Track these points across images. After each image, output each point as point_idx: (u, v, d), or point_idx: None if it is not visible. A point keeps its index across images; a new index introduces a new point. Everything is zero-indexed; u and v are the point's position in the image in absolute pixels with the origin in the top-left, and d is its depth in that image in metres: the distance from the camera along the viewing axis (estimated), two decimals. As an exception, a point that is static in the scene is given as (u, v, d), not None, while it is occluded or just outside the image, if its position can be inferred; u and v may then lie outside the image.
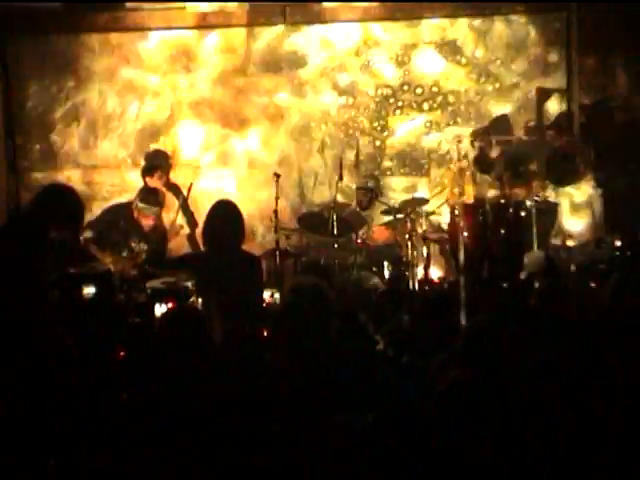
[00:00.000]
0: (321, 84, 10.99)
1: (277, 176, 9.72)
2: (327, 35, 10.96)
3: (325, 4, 10.48)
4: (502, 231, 9.13)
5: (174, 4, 10.54)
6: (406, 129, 11.04)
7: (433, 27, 10.94)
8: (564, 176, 9.71)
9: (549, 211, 9.67)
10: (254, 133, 11.00)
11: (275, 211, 9.51)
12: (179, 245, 9.95)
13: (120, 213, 9.45)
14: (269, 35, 10.89)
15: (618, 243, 8.91)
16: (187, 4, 10.38)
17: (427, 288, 9.28)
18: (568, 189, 9.81)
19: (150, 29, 10.86)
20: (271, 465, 3.94)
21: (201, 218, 8.18)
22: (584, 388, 4.23)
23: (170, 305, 7.73)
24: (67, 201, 6.37)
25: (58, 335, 4.57)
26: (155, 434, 4.16)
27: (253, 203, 10.52)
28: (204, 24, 10.81)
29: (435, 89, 10.99)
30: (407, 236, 9.82)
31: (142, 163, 10.29)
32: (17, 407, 4.24)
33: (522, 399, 4.10)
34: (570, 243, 9.50)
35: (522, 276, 8.35)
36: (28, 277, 6.01)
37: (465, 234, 9.16)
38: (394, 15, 10.83)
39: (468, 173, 10.10)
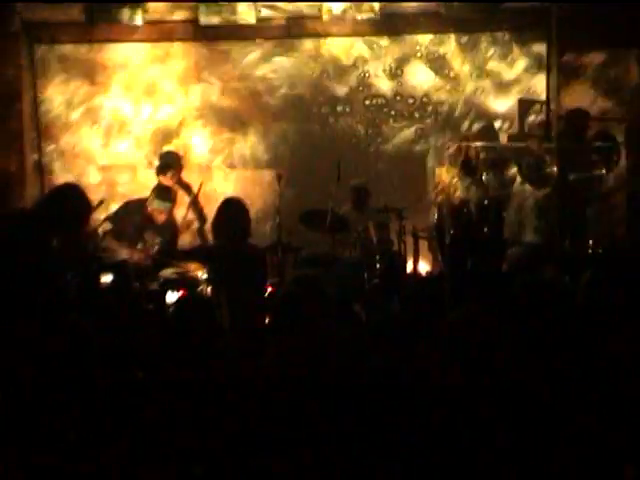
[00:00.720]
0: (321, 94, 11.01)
1: (279, 176, 9.77)
2: (328, 48, 10.99)
3: (326, 19, 10.45)
4: (485, 229, 9.15)
5: (185, 17, 10.50)
6: (399, 136, 11.07)
7: (424, 43, 10.96)
8: (539, 179, 9.72)
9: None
10: (258, 137, 11.02)
11: (278, 209, 9.53)
12: (189, 238, 9.96)
13: (135, 209, 9.46)
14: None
15: (591, 242, 8.93)
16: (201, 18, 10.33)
17: (416, 281, 9.29)
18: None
19: (162, 41, 10.86)
20: (274, 442, 3.95)
21: (210, 214, 8.23)
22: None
23: (181, 293, 7.74)
24: (71, 203, 6.31)
25: (75, 320, 4.56)
26: (169, 412, 4.18)
27: (258, 201, 10.54)
28: (213, 37, 10.81)
29: (425, 99, 11.01)
30: (398, 233, 9.86)
31: (156, 163, 10.28)
32: (38, 389, 4.23)
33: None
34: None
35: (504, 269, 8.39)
36: (42, 266, 5.99)
37: (451, 232, 9.18)
38: (387, 31, 10.83)
39: (455, 176, 10.13)
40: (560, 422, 4.00)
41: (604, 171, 9.48)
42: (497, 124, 10.90)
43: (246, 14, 10.19)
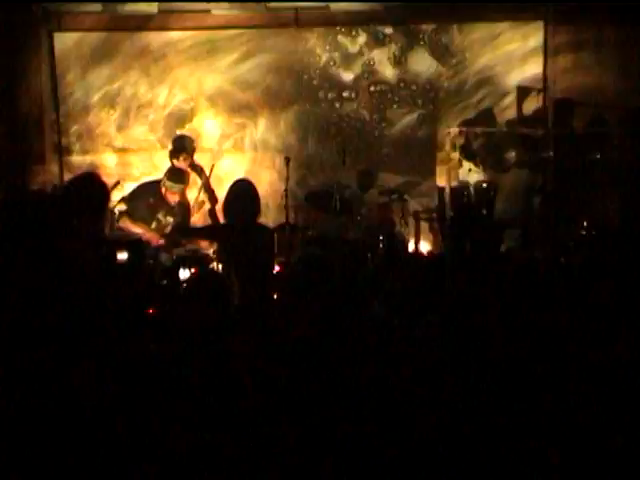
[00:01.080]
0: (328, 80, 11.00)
1: (288, 160, 9.75)
2: (336, 37, 10.97)
3: (333, 9, 10.40)
4: (484, 211, 9.16)
5: (200, 6, 10.47)
6: (402, 121, 11.06)
7: (427, 32, 10.94)
8: (497, 163, 9.72)
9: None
10: (268, 122, 11.01)
11: (286, 190, 9.52)
12: (201, 218, 9.97)
13: (150, 190, 9.46)
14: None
15: (585, 224, 8.93)
16: (212, 8, 10.29)
17: (417, 260, 9.29)
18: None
19: (177, 29, 10.84)
20: (284, 408, 3.95)
21: (221, 195, 8.22)
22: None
23: (193, 270, 7.75)
24: (94, 191, 6.36)
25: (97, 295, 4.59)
26: (180, 381, 4.19)
27: (267, 183, 10.55)
28: (225, 25, 10.79)
29: (428, 86, 11.00)
30: (401, 214, 9.86)
31: (169, 146, 10.28)
32: (59, 354, 4.25)
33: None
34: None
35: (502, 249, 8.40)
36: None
37: (451, 214, 9.20)
38: (393, 20, 10.80)
39: (455, 160, 10.12)
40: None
41: (598, 156, 9.47)
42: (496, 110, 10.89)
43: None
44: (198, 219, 9.87)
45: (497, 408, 3.89)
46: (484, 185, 9.48)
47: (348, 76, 11.03)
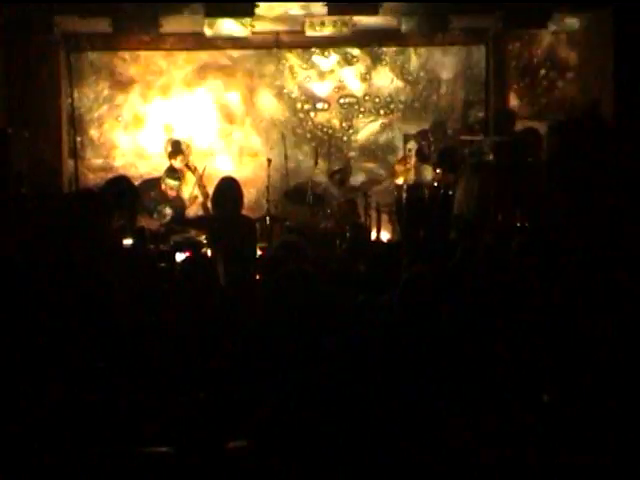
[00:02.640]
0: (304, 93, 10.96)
1: (269, 161, 9.78)
2: (312, 57, 10.92)
3: (309, 34, 10.29)
4: (434, 205, 9.14)
5: (195, 30, 10.35)
6: (367, 129, 11.03)
7: (389, 53, 10.90)
8: (451, 165, 9.70)
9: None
10: (252, 129, 10.95)
11: (267, 187, 9.52)
12: (195, 210, 9.90)
13: (151, 186, 9.44)
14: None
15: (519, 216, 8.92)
16: (206, 30, 10.15)
17: (378, 246, 9.28)
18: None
19: (177, 50, 10.75)
20: (263, 373, 3.89)
21: (212, 190, 8.15)
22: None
23: (187, 254, 7.69)
24: (128, 190, 6.36)
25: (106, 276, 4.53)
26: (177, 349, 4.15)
27: (251, 180, 10.50)
28: (216, 47, 10.69)
29: (389, 99, 10.97)
30: (364, 208, 9.84)
31: (168, 149, 10.18)
32: (73, 327, 4.19)
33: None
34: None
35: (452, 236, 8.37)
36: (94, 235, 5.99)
37: (407, 207, 9.17)
38: (359, 42, 10.74)
39: (411, 162, 10.11)
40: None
41: (530, 159, 9.46)
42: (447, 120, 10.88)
43: (242, 30, 10.00)
44: (192, 211, 9.81)
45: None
46: (435, 184, 9.46)
47: (322, 90, 10.98)
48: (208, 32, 10.02)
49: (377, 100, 10.99)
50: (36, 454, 3.37)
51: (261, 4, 9.19)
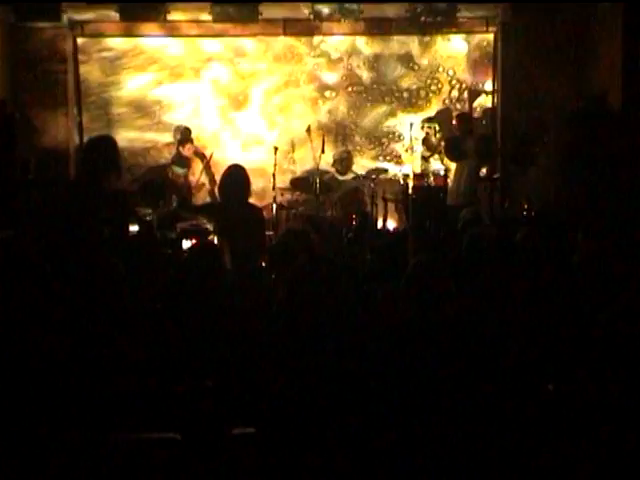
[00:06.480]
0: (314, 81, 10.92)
1: (276, 149, 9.76)
2: (321, 46, 10.86)
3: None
4: (441, 194, 9.12)
5: (202, 18, 10.33)
6: (373, 116, 11.00)
7: (395, 42, 10.86)
8: (457, 154, 9.69)
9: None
10: (261, 116, 10.93)
11: (274, 174, 9.50)
12: (202, 198, 9.91)
13: (158, 173, 9.44)
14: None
15: (526, 205, 8.90)
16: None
17: (384, 235, 9.29)
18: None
19: (184, 36, 10.75)
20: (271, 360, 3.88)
21: (219, 178, 8.16)
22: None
23: (194, 241, 7.70)
24: (108, 148, 6.21)
25: (112, 262, 4.52)
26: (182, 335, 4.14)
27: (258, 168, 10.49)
28: (224, 34, 10.67)
29: (394, 87, 10.94)
30: (370, 196, 9.84)
31: (178, 137, 10.18)
32: (77, 311, 4.18)
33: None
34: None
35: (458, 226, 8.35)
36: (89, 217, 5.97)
37: (413, 196, 9.16)
38: (370, 32, 10.71)
39: (418, 150, 10.10)
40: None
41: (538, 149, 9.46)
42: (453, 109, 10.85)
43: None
44: (199, 198, 9.82)
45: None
46: (441, 172, 9.44)
47: (330, 78, 10.96)
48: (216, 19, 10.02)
49: (383, 88, 10.95)
50: (40, 439, 3.37)
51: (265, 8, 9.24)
